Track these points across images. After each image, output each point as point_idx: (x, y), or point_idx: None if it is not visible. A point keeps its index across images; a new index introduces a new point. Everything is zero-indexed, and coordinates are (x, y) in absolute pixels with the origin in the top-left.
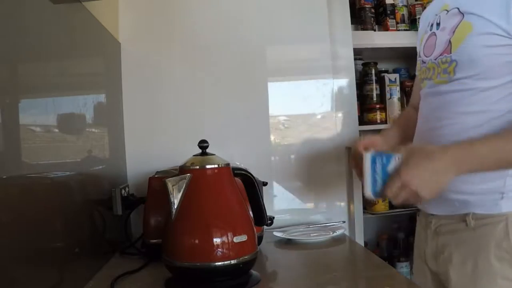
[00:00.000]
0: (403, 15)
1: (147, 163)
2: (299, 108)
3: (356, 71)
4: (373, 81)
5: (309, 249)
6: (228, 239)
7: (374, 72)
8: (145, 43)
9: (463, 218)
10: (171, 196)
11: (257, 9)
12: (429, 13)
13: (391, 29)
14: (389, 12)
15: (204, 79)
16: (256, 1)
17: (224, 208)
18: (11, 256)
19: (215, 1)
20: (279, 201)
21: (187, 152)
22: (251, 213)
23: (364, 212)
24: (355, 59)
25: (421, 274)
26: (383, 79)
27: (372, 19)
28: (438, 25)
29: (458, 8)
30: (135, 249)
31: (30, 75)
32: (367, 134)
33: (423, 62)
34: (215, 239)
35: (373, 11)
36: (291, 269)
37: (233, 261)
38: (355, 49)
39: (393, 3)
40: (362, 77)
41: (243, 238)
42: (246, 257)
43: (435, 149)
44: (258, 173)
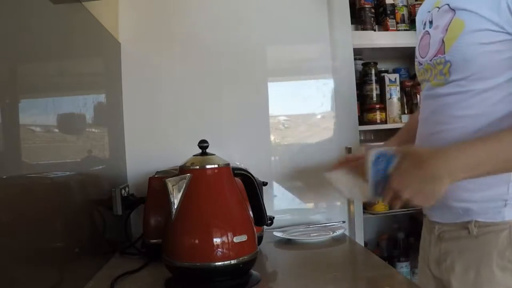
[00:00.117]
0: (403, 15)
1: (147, 163)
2: (299, 108)
3: (356, 71)
4: (373, 81)
5: (309, 249)
6: (228, 239)
7: (374, 72)
8: (145, 43)
9: (466, 225)
10: (171, 196)
11: (257, 9)
12: (422, 11)
13: (391, 29)
14: (389, 12)
15: (204, 79)
16: (256, 1)
17: (224, 208)
18: (11, 256)
19: (215, 1)
20: (279, 201)
21: (187, 152)
22: (251, 213)
23: (364, 212)
24: (355, 59)
25: (424, 276)
26: (383, 79)
27: (372, 19)
28: (430, 23)
29: (448, 4)
30: (135, 249)
31: (30, 75)
32: (367, 134)
33: (420, 63)
34: (215, 239)
35: (373, 11)
36: (291, 269)
37: (233, 261)
38: (355, 49)
39: (393, 3)
40: (362, 77)
41: (243, 238)
42: (246, 257)
43: (428, 155)
44: (258, 173)
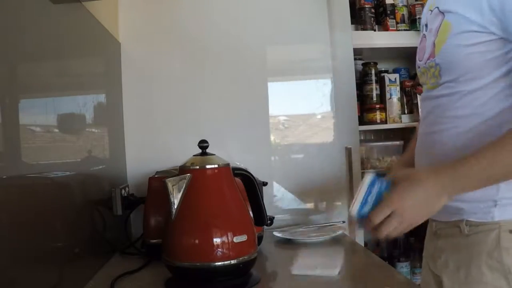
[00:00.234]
0: (403, 15)
1: (147, 163)
2: (299, 108)
3: (356, 71)
4: (373, 81)
5: (309, 249)
6: (228, 239)
7: (374, 72)
8: (145, 43)
9: (458, 224)
10: (171, 196)
11: (257, 9)
12: (423, 13)
13: (391, 29)
14: (389, 12)
15: (204, 79)
16: (256, 1)
17: (224, 208)
18: (11, 256)
19: (215, 1)
20: (279, 201)
21: (187, 152)
22: (251, 213)
23: None
24: (355, 59)
25: (426, 272)
26: (383, 79)
27: (372, 19)
28: (426, 26)
29: (438, 7)
30: (135, 249)
31: (30, 75)
32: (367, 134)
33: (418, 67)
34: (215, 239)
35: (373, 11)
36: (291, 269)
37: (233, 261)
38: (355, 49)
39: (393, 3)
40: (362, 77)
41: (243, 238)
42: (246, 257)
43: (423, 177)
44: (258, 173)
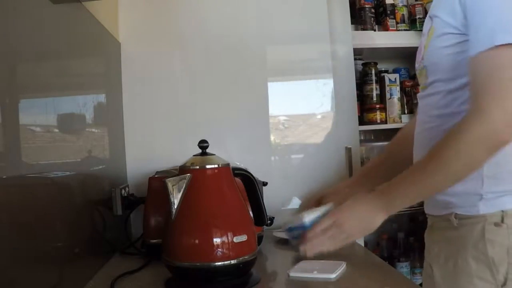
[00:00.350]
0: (403, 15)
1: (147, 163)
2: (299, 108)
3: (356, 71)
4: (373, 81)
5: None
6: (228, 239)
7: (374, 72)
8: (145, 43)
9: (448, 217)
10: (171, 196)
11: (257, 9)
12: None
13: (391, 29)
14: (389, 12)
15: (204, 79)
16: (256, 1)
17: (224, 208)
18: (11, 256)
19: (215, 1)
20: (279, 201)
21: (187, 152)
22: (251, 213)
23: None
24: (355, 59)
25: (426, 264)
26: (383, 79)
27: (372, 19)
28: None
29: (429, 13)
30: (135, 249)
31: (30, 75)
32: (367, 134)
33: (416, 69)
34: (215, 239)
35: (373, 11)
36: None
37: (233, 261)
38: (355, 49)
39: (393, 3)
40: (362, 77)
41: (243, 238)
42: (246, 257)
43: (364, 196)
44: (258, 173)
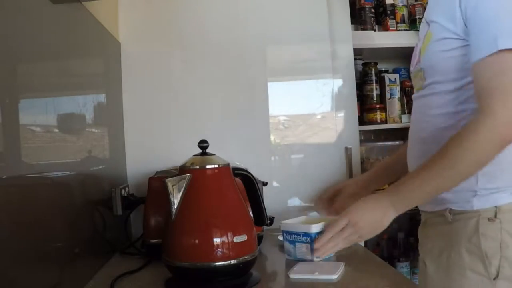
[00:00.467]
0: (403, 15)
1: (147, 163)
2: (299, 108)
3: (356, 71)
4: (373, 81)
5: None
6: (228, 239)
7: (374, 72)
8: (145, 43)
9: (442, 213)
10: (171, 196)
11: (257, 9)
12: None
13: (391, 29)
14: (389, 12)
15: (204, 79)
16: (256, 1)
17: (224, 208)
18: (11, 256)
19: (215, 1)
20: (279, 201)
21: (187, 152)
22: (251, 213)
23: None
24: (355, 59)
25: (420, 259)
26: (383, 79)
27: (372, 19)
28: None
29: (426, 18)
30: (135, 249)
31: (30, 75)
32: (367, 134)
33: (411, 72)
34: (215, 239)
35: (373, 11)
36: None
37: (233, 261)
38: (355, 49)
39: (393, 3)
40: (362, 77)
41: (243, 238)
42: (246, 257)
43: (374, 195)
44: (258, 173)
